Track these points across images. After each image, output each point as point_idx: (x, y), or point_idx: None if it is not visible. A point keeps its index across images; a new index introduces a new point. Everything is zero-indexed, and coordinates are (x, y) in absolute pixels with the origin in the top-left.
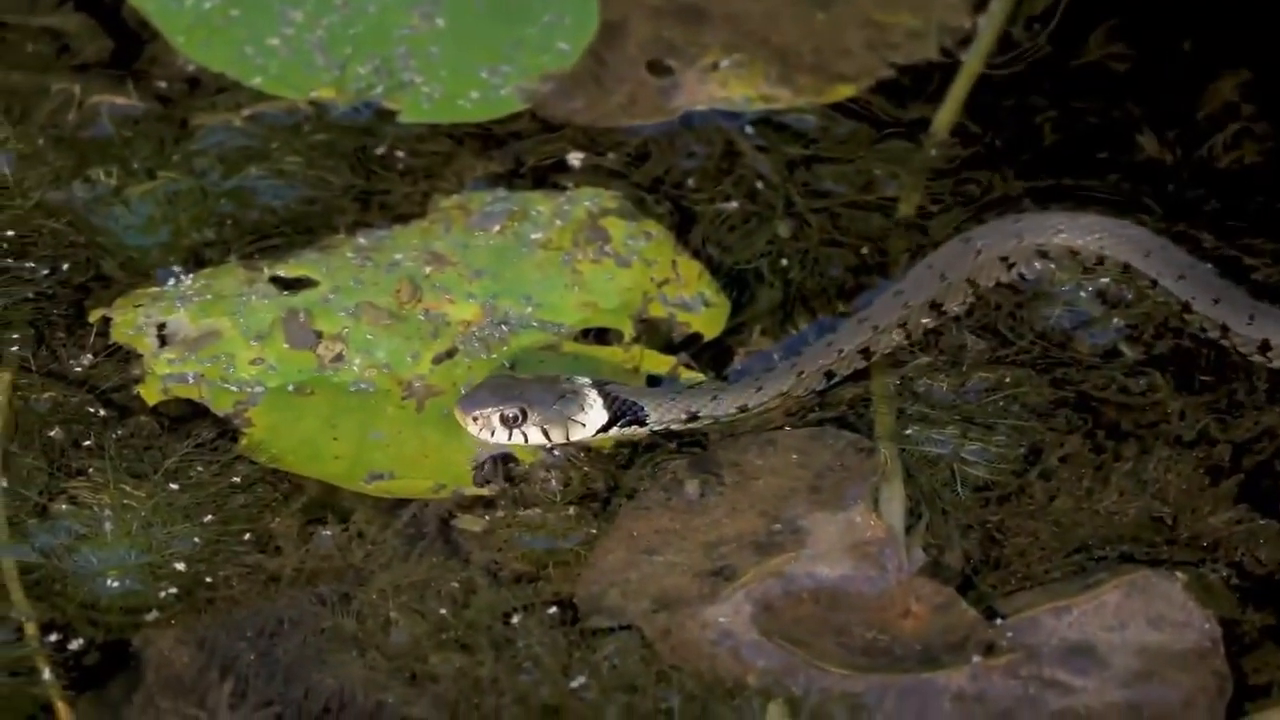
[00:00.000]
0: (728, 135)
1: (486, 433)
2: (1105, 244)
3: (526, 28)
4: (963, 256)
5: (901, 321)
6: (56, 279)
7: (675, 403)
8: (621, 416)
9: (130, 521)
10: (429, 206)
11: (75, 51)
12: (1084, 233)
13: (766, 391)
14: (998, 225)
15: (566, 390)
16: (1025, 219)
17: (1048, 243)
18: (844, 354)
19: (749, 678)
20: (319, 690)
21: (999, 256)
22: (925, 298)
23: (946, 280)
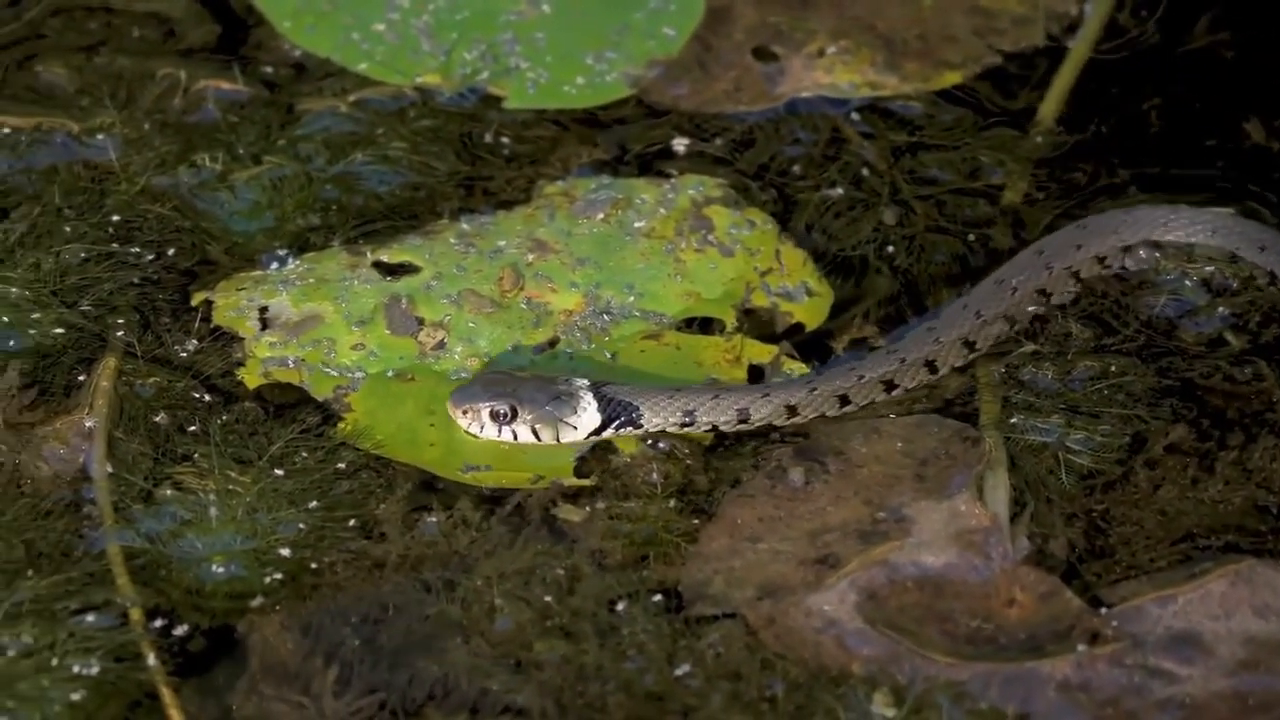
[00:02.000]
0: (833, 122)
1: (476, 427)
2: (1216, 236)
3: (632, 13)
4: (1034, 267)
5: (929, 359)
6: (162, 264)
7: (672, 404)
8: (615, 419)
9: (235, 507)
10: (533, 193)
11: (181, 36)
12: (1194, 226)
13: (774, 400)
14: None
15: (561, 391)
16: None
17: (1158, 237)
18: (864, 380)
19: (853, 666)
20: (423, 677)
21: (1097, 256)
22: (957, 334)
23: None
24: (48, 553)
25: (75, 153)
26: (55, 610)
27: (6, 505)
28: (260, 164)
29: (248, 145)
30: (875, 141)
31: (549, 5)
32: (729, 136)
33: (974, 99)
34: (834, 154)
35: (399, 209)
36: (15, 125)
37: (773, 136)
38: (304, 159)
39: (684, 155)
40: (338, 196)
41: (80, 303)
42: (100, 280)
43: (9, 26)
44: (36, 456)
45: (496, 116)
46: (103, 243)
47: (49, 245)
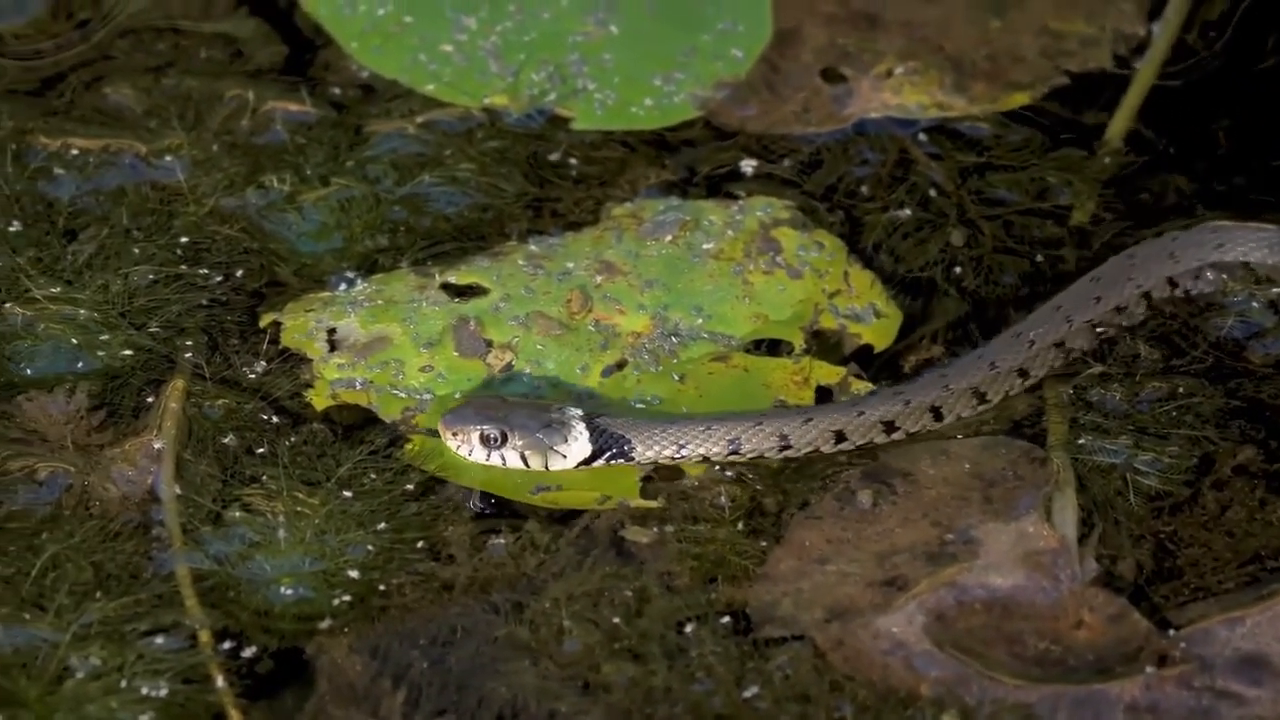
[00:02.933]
0: (901, 143)
1: (465, 450)
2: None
3: (700, 34)
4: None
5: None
6: (230, 285)
7: (665, 438)
8: (607, 450)
9: (303, 529)
10: (601, 214)
11: (249, 58)
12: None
13: (766, 429)
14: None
15: (554, 420)
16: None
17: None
18: (863, 416)
19: (922, 688)
20: (492, 699)
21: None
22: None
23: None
24: (116, 574)
25: (143, 174)
26: (124, 632)
27: (75, 527)
28: (328, 185)
29: (316, 166)
30: (943, 162)
31: (617, 26)
32: (797, 158)
33: (1042, 120)
34: (902, 175)
35: (467, 230)
36: (83, 147)
37: (840, 158)
38: (372, 180)
39: (752, 177)
40: (406, 218)
41: (149, 324)
42: (168, 302)
43: (77, 48)
44: (105, 478)
45: (564, 138)
46: (171, 264)
47: (117, 267)
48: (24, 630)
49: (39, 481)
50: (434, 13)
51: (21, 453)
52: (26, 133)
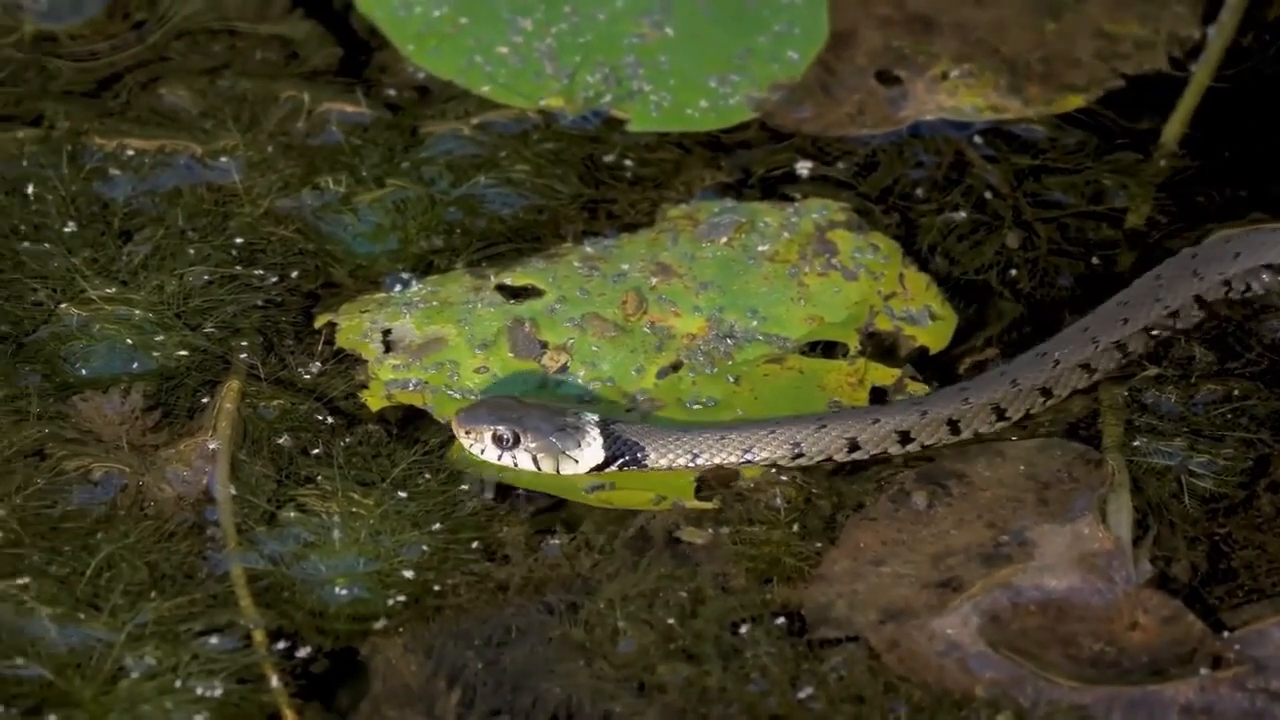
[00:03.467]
0: (956, 145)
1: (478, 449)
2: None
3: (756, 37)
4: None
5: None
6: (285, 286)
7: (679, 446)
8: (620, 456)
9: (358, 529)
10: (657, 216)
11: (304, 59)
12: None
13: (779, 437)
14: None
15: (568, 423)
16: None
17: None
18: (878, 424)
19: (976, 689)
20: (546, 699)
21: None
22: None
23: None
24: (171, 574)
25: (199, 175)
26: (179, 632)
27: (130, 527)
28: (384, 186)
29: (371, 168)
30: (998, 165)
31: (672, 28)
32: (852, 160)
33: (1097, 122)
34: (957, 177)
35: (522, 232)
36: (139, 148)
37: (896, 160)
38: (427, 181)
39: (807, 179)
40: (461, 219)
41: (204, 325)
42: (224, 302)
43: (133, 50)
44: (160, 479)
45: (619, 139)
46: (226, 265)
47: (172, 268)
48: (79, 630)
49: (94, 482)
50: (490, 14)
51: (77, 453)
52: (82, 134)
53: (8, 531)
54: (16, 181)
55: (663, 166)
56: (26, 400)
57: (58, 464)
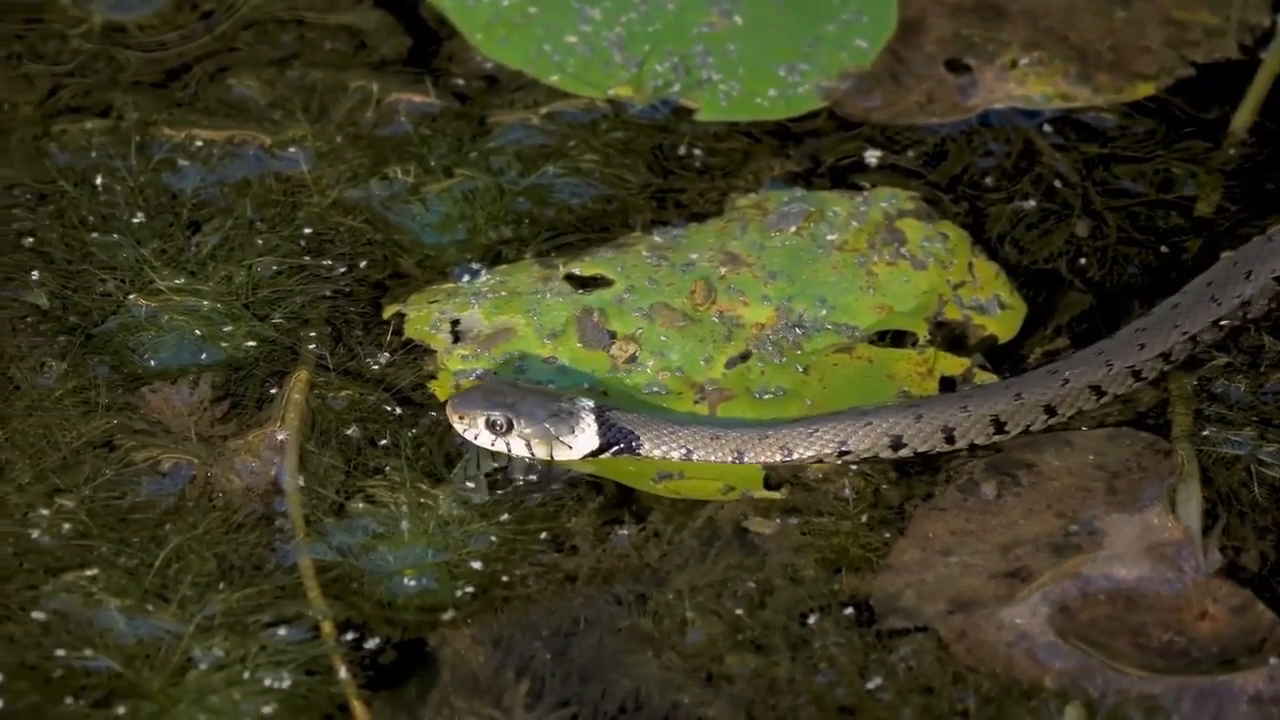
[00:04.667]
0: (1025, 134)
1: (471, 434)
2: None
3: (825, 25)
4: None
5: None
6: (353, 277)
7: (673, 439)
8: (615, 444)
9: (427, 520)
10: (725, 205)
11: (373, 49)
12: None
13: (771, 440)
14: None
15: (562, 409)
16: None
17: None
18: (870, 425)
19: (1045, 679)
20: (615, 690)
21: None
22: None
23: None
24: (239, 566)
25: (267, 165)
26: (247, 623)
27: (199, 518)
28: (452, 176)
29: (439, 158)
30: (1067, 153)
31: (741, 17)
32: (921, 149)
33: (1166, 110)
34: (1026, 166)
35: (591, 221)
36: (208, 138)
37: (965, 149)
38: (496, 171)
39: (876, 167)
40: (529, 209)
41: (272, 315)
42: (292, 293)
43: (201, 40)
44: (228, 469)
45: (688, 129)
46: (294, 255)
47: (241, 258)
48: (147, 621)
49: (163, 473)
50: (558, 4)
51: (145, 444)
52: (151, 124)
53: (76, 523)
54: (85, 172)
55: (731, 156)
56: (95, 391)
57: (126, 455)
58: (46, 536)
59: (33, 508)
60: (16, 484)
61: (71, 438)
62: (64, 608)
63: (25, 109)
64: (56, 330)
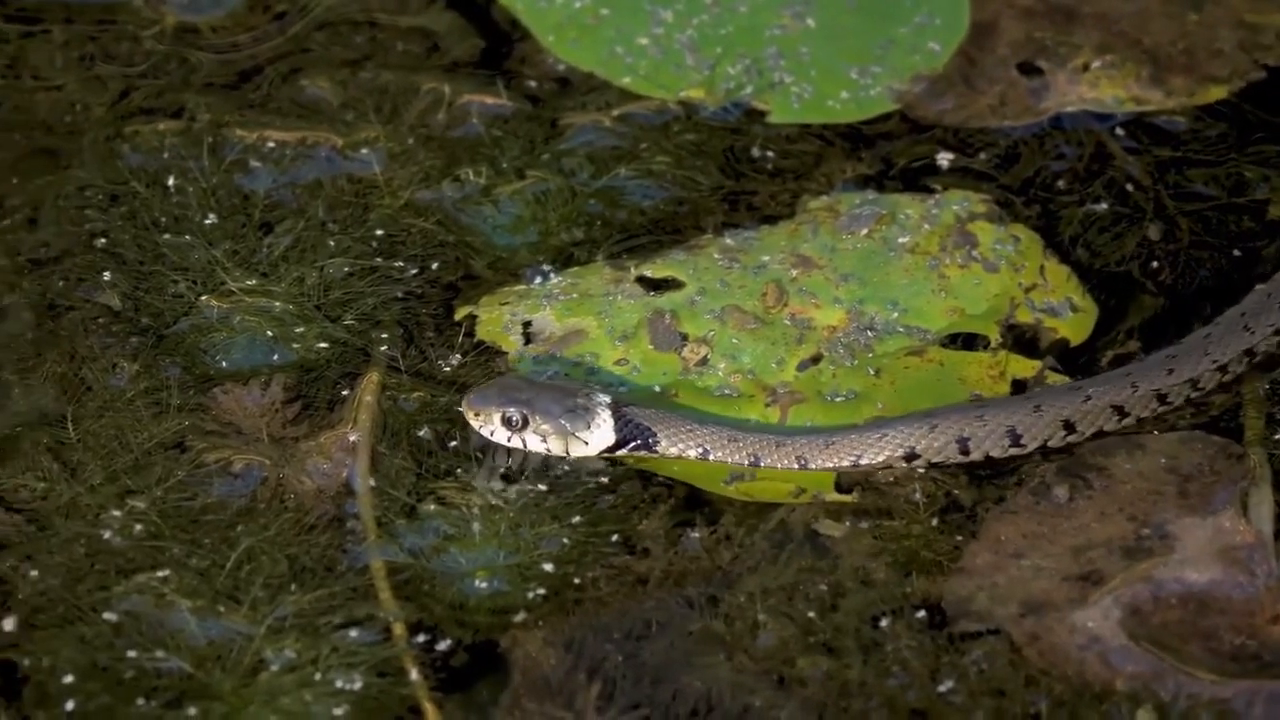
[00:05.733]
0: (1097, 137)
1: (487, 430)
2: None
3: (897, 28)
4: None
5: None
6: (425, 278)
7: (690, 437)
8: (631, 440)
9: (498, 522)
10: (797, 208)
11: (445, 51)
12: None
13: (788, 448)
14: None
15: (579, 405)
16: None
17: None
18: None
19: (1117, 683)
20: (686, 693)
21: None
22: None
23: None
24: (311, 567)
25: (339, 167)
26: (318, 625)
27: (270, 520)
28: (524, 178)
29: (511, 159)
30: (1140, 156)
31: (814, 20)
32: (993, 151)
33: (1238, 114)
34: (1098, 169)
35: (662, 223)
36: (280, 139)
37: (1037, 151)
38: (567, 173)
39: (948, 170)
40: (601, 211)
41: (344, 317)
42: (364, 294)
43: (274, 41)
44: (300, 471)
45: (760, 131)
46: (366, 257)
47: (313, 259)
48: (219, 623)
49: (234, 474)
50: (631, 6)
51: (217, 445)
52: (223, 126)
53: (148, 524)
54: (158, 174)
55: (803, 158)
56: (167, 392)
57: (198, 456)
58: (118, 538)
59: (104, 509)
60: (88, 485)
61: (143, 439)
62: (136, 609)
63: (98, 110)
64: (128, 331)
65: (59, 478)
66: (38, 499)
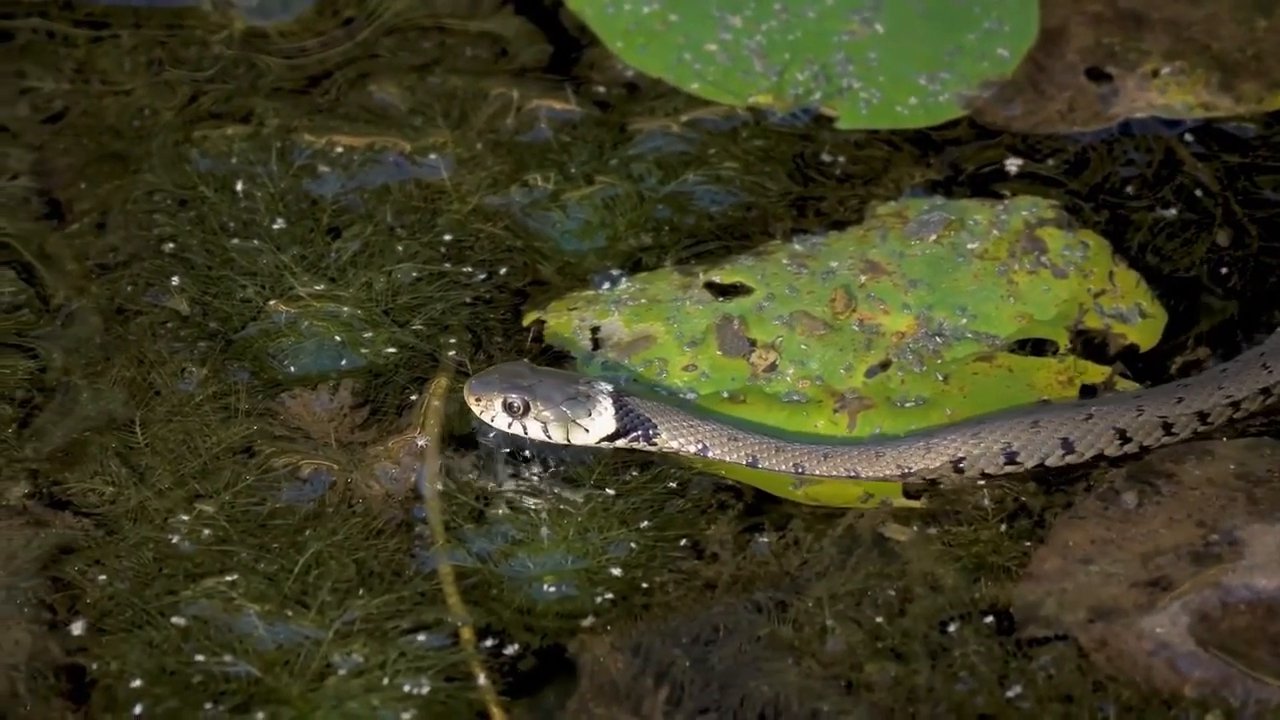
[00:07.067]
0: (1167, 143)
1: (488, 416)
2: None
3: (966, 34)
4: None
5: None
6: (493, 283)
7: (691, 432)
8: (632, 430)
9: (566, 527)
10: (865, 213)
11: (514, 56)
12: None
13: (787, 454)
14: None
15: (580, 392)
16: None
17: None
18: (882, 457)
19: (1185, 689)
20: (754, 698)
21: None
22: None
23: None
24: (379, 572)
25: (408, 172)
26: (386, 629)
27: (339, 524)
28: (592, 184)
29: (580, 165)
30: (1209, 162)
31: (882, 25)
32: (1062, 157)
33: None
34: (1167, 175)
35: (731, 229)
36: (349, 144)
37: (1105, 157)
38: (636, 179)
39: (1016, 176)
40: (669, 216)
41: (412, 322)
42: (432, 299)
43: (342, 46)
44: (368, 475)
45: (829, 137)
46: (434, 262)
47: (381, 264)
48: (287, 627)
49: (303, 479)
50: (699, 12)
51: (285, 450)
52: (292, 130)
53: (216, 528)
54: (226, 178)
55: (872, 164)
56: (235, 397)
57: (266, 461)
58: (186, 542)
59: (173, 513)
60: (157, 489)
61: (211, 443)
62: (204, 613)
63: (166, 115)
64: (197, 336)
65: (127, 482)
66: (106, 503)
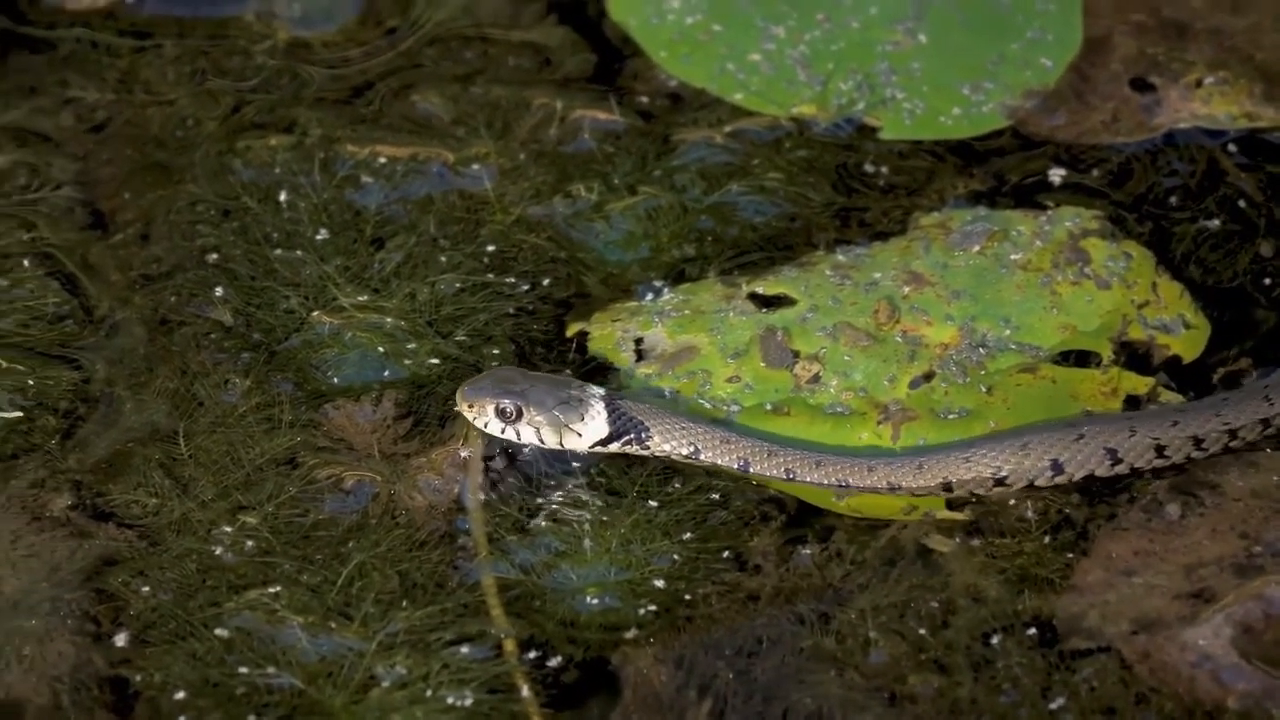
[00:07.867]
0: (1210, 153)
1: (481, 421)
2: None
3: (1009, 44)
4: None
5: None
6: (536, 294)
7: (683, 435)
8: (624, 434)
9: (609, 538)
10: (909, 224)
11: (557, 66)
12: None
13: (779, 459)
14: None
15: (572, 396)
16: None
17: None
18: (872, 472)
19: (1229, 701)
20: (797, 710)
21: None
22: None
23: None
24: (422, 583)
25: (451, 183)
26: (429, 641)
27: (382, 536)
28: (635, 194)
29: (623, 175)
30: (1253, 173)
31: (925, 35)
32: (1105, 168)
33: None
34: (1211, 186)
35: (774, 240)
36: (391, 155)
37: (1149, 168)
38: (679, 189)
39: (1060, 186)
40: (713, 227)
41: (455, 333)
42: (475, 310)
43: (385, 56)
44: (411, 487)
45: (872, 147)
46: (478, 273)
47: (424, 275)
48: (330, 639)
49: (346, 490)
50: (742, 22)
51: (328, 461)
52: (335, 141)
53: (260, 540)
54: (269, 189)
55: (915, 174)
56: (279, 408)
57: (309, 472)
58: (230, 553)
59: (216, 524)
60: (200, 500)
61: (255, 454)
62: (247, 625)
63: (209, 125)
64: (240, 347)
65: (170, 493)
66: (149, 515)
